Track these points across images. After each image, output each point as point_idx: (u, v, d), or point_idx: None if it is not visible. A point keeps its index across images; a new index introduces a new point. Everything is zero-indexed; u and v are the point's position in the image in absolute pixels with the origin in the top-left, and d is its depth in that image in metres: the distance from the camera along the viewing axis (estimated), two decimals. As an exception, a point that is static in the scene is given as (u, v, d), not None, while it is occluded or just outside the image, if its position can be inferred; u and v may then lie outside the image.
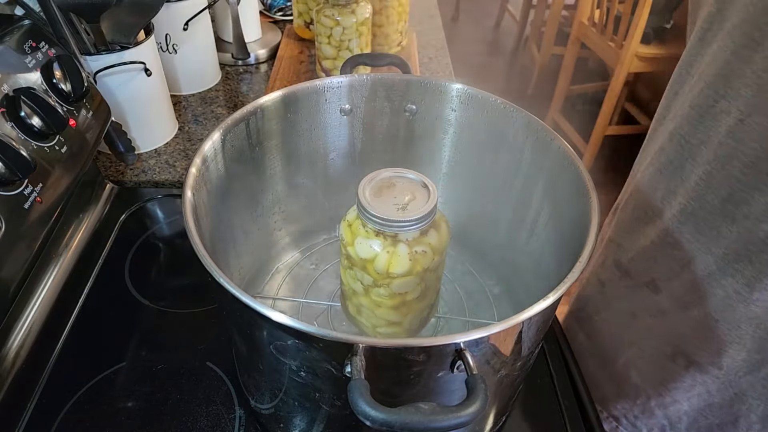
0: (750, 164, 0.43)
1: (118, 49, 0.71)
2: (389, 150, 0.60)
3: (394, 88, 0.56)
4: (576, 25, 2.12)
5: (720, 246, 0.48)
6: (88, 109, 0.61)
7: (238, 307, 0.35)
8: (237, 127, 0.50)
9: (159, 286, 0.64)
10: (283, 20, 1.19)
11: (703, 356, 0.54)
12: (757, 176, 0.43)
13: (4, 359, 0.53)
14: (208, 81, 0.98)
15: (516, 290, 0.59)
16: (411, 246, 0.42)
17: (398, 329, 0.48)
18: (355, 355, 0.32)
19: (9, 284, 0.50)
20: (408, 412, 0.29)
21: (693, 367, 0.56)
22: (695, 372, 0.56)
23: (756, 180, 0.43)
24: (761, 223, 0.44)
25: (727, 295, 0.49)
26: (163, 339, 0.58)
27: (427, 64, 1.05)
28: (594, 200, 0.42)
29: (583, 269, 0.37)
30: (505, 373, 0.42)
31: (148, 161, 0.80)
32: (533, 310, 0.34)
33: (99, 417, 0.51)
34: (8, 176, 0.47)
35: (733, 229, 0.46)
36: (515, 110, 0.52)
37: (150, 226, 0.72)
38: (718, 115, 0.45)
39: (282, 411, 0.47)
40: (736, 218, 0.46)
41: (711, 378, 0.55)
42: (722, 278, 0.49)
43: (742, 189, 0.44)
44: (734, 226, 0.46)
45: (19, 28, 0.55)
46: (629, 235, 0.58)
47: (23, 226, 0.49)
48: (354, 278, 0.46)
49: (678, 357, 0.56)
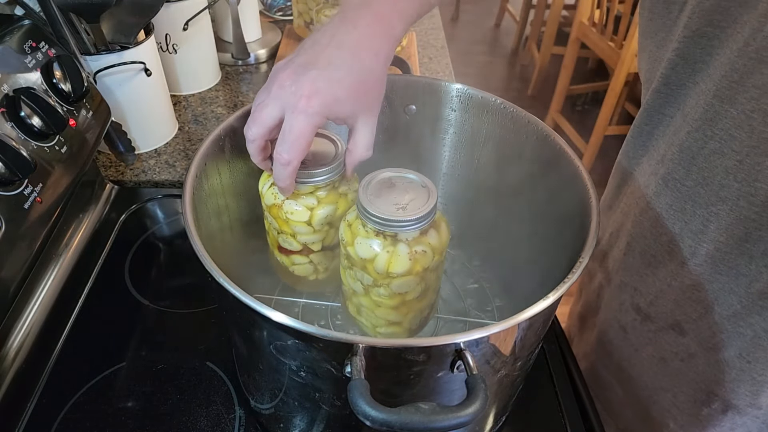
0: (760, 204, 0.43)
1: (118, 49, 0.71)
2: (389, 150, 0.60)
3: (394, 88, 0.56)
4: (576, 25, 2.12)
5: (741, 285, 0.47)
6: (88, 109, 0.61)
7: (238, 307, 0.35)
8: (237, 127, 0.50)
9: (159, 286, 0.64)
10: (283, 20, 1.19)
11: (739, 398, 0.53)
12: None
13: (4, 359, 0.53)
14: (208, 81, 0.98)
15: (516, 290, 0.59)
16: (411, 246, 0.42)
17: (398, 329, 0.49)
18: (355, 355, 0.32)
19: (9, 284, 0.50)
20: (408, 412, 0.29)
21: (731, 411, 0.54)
22: (734, 415, 0.54)
23: None
24: None
25: (756, 335, 0.48)
26: (163, 339, 0.58)
27: (427, 64, 1.05)
28: (594, 200, 0.42)
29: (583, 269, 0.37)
30: (505, 373, 0.42)
31: (148, 161, 0.80)
32: (533, 310, 0.34)
33: (99, 417, 0.51)
34: (8, 176, 0.47)
35: (752, 267, 0.46)
36: (515, 110, 0.52)
37: (150, 226, 0.72)
38: (709, 156, 0.45)
39: (282, 411, 0.47)
40: (754, 256, 0.45)
41: (750, 419, 0.54)
42: (749, 317, 0.48)
43: (757, 228, 0.44)
44: (753, 264, 0.45)
45: (19, 28, 0.55)
46: (642, 279, 0.56)
47: (23, 226, 0.49)
48: (354, 278, 0.46)
49: (713, 401, 0.55)
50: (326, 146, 0.47)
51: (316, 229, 0.48)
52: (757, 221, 0.44)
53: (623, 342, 0.62)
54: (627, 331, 0.61)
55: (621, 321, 0.61)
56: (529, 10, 3.08)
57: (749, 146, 0.42)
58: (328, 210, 0.47)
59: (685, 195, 0.48)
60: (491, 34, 3.46)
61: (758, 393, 0.52)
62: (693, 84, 0.46)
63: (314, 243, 0.50)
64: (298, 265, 0.52)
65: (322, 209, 0.47)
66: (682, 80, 0.47)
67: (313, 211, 0.47)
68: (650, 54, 0.52)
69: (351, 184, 0.49)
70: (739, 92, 0.41)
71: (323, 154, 0.47)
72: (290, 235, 0.49)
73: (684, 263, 0.50)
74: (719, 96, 0.43)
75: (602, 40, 1.97)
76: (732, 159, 0.43)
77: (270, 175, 0.49)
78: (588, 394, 0.56)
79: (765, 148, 0.41)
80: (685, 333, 0.54)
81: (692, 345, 0.54)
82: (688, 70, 0.46)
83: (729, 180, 0.44)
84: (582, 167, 0.45)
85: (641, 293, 0.57)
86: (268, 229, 0.53)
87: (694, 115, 0.45)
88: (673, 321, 0.54)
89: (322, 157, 0.46)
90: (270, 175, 0.49)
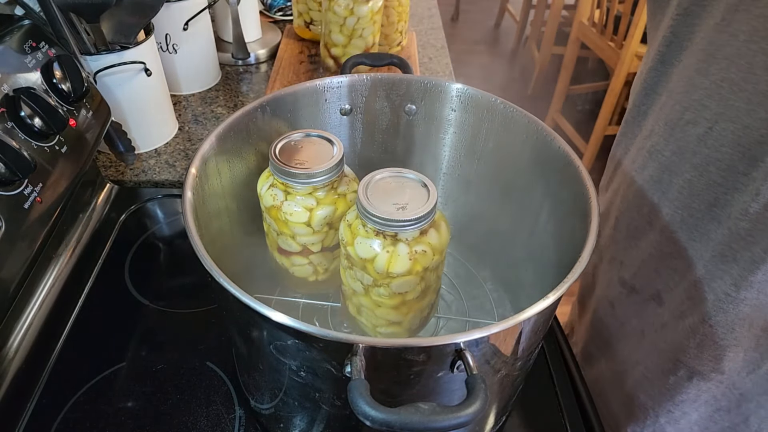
0: (726, 168, 0.45)
1: (118, 49, 0.71)
2: (389, 150, 0.60)
3: (394, 88, 0.56)
4: (576, 25, 2.12)
5: (708, 249, 0.49)
6: (88, 109, 0.61)
7: (238, 307, 0.35)
8: (237, 127, 0.50)
9: (159, 286, 0.64)
10: (283, 20, 1.19)
11: (703, 364, 0.54)
12: (735, 177, 0.45)
13: (4, 359, 0.53)
14: (208, 81, 0.98)
15: (516, 290, 0.59)
16: (411, 246, 0.42)
17: (398, 329, 0.49)
18: (355, 355, 0.32)
19: (9, 284, 0.50)
20: (408, 412, 0.29)
21: (696, 377, 0.56)
22: (699, 381, 0.56)
23: (735, 181, 0.45)
24: (741, 221, 0.45)
25: (717, 299, 0.50)
26: (163, 339, 0.58)
27: (427, 64, 1.05)
28: (594, 200, 0.42)
29: (583, 269, 0.37)
30: (505, 373, 0.42)
31: (148, 161, 0.80)
32: (533, 310, 0.34)
33: (99, 417, 0.51)
34: (8, 176, 0.47)
35: (720, 232, 0.47)
36: (515, 110, 0.52)
37: (150, 226, 0.72)
38: (685, 126, 0.47)
39: (282, 411, 0.47)
40: (722, 220, 0.47)
41: (714, 384, 0.55)
42: (712, 281, 0.50)
43: (724, 192, 0.46)
44: (720, 227, 0.47)
45: (19, 28, 0.55)
46: (627, 252, 0.59)
47: (23, 226, 0.49)
48: (354, 278, 0.46)
49: (680, 369, 0.57)
50: (325, 147, 0.47)
51: (316, 230, 0.48)
52: (723, 185, 0.46)
53: (611, 318, 0.64)
54: (614, 306, 0.63)
55: (609, 296, 0.64)
56: (529, 10, 3.08)
57: (717, 113, 0.45)
58: (327, 211, 0.47)
59: (664, 165, 0.51)
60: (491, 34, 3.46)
61: (721, 358, 0.53)
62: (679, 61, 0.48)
63: (314, 244, 0.50)
64: (298, 266, 0.52)
65: (321, 210, 0.47)
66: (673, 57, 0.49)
67: (312, 212, 0.47)
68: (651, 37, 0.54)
69: (350, 184, 0.49)
70: (712, 64, 0.44)
71: (322, 154, 0.47)
72: (289, 237, 0.49)
73: (662, 231, 0.53)
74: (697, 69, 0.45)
75: (602, 40, 1.97)
76: (703, 127, 0.46)
77: (269, 176, 0.49)
78: (588, 393, 0.56)
79: (731, 115, 0.44)
80: (663, 303, 0.56)
81: (666, 314, 0.56)
82: (678, 47, 0.48)
83: (700, 147, 0.47)
84: (582, 167, 0.45)
85: (626, 266, 0.59)
86: (268, 231, 0.53)
87: (677, 89, 0.48)
88: (654, 291, 0.56)
89: (321, 157, 0.46)
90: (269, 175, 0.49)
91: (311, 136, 0.49)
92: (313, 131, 0.49)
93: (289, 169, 0.45)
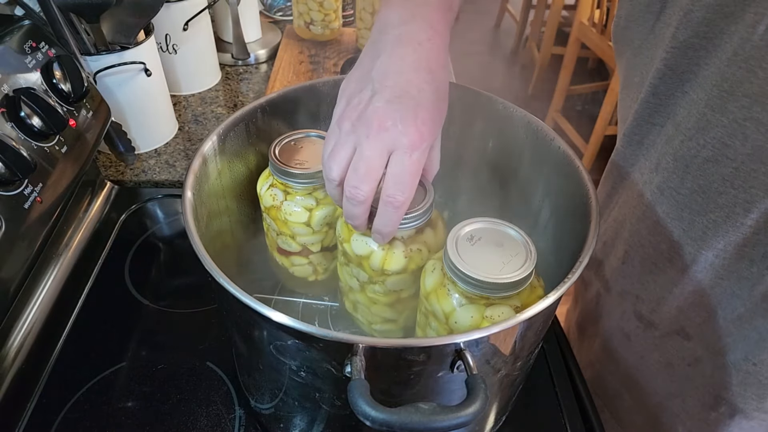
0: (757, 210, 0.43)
1: (118, 49, 0.71)
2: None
3: (394, 88, 0.56)
4: (576, 25, 2.12)
5: (744, 288, 0.47)
6: (88, 109, 0.61)
7: (238, 307, 0.35)
8: (237, 127, 0.50)
9: (159, 286, 0.64)
10: (283, 20, 1.19)
11: (746, 402, 0.53)
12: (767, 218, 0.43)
13: (4, 359, 0.53)
14: (208, 81, 0.98)
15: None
16: (407, 244, 0.42)
17: (393, 326, 0.49)
18: (355, 355, 0.32)
19: (9, 284, 0.50)
20: (408, 412, 0.29)
21: (738, 415, 0.54)
22: (741, 419, 0.54)
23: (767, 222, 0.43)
24: None
25: (761, 338, 0.48)
26: (163, 339, 0.58)
27: (427, 64, 1.05)
28: (594, 200, 0.42)
29: (583, 269, 0.37)
30: (505, 373, 0.42)
31: (148, 161, 0.80)
32: (533, 310, 0.34)
33: (99, 417, 0.51)
34: (8, 176, 0.47)
35: (754, 270, 0.46)
36: (515, 110, 0.52)
37: (150, 226, 0.72)
38: (703, 165, 0.45)
39: (282, 411, 0.47)
40: (754, 259, 0.45)
41: (758, 423, 0.54)
42: (753, 320, 0.48)
43: (755, 233, 0.44)
44: (754, 267, 0.45)
45: (19, 28, 0.55)
46: (643, 286, 0.56)
47: (23, 226, 0.49)
48: (350, 275, 0.46)
49: (721, 405, 0.54)
50: None
51: (315, 230, 0.48)
52: (753, 227, 0.44)
53: (628, 350, 0.62)
54: (631, 338, 0.60)
55: (624, 329, 0.61)
56: (529, 10, 3.08)
57: (744, 154, 0.42)
58: (326, 211, 0.47)
59: (682, 203, 0.48)
60: (491, 34, 3.46)
61: (765, 397, 0.51)
62: (682, 94, 0.46)
63: (313, 244, 0.50)
64: (298, 266, 0.52)
65: (320, 210, 0.47)
66: (671, 90, 0.47)
67: (312, 212, 0.47)
68: (628, 60, 0.53)
69: None
70: (730, 101, 0.41)
71: None
72: (289, 237, 0.49)
73: (685, 270, 0.50)
74: (710, 105, 0.43)
75: (602, 40, 1.97)
76: (728, 167, 0.44)
77: (268, 176, 0.49)
78: (588, 393, 0.56)
79: (759, 155, 0.41)
80: (690, 337, 0.54)
81: (698, 349, 0.53)
82: (676, 80, 0.46)
83: (726, 187, 0.44)
84: (582, 167, 0.45)
85: (643, 300, 0.57)
86: (267, 231, 0.53)
87: (687, 124, 0.46)
88: (678, 327, 0.54)
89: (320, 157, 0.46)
90: (269, 175, 0.48)
91: (311, 136, 0.49)
92: (313, 131, 0.49)
93: (288, 169, 0.45)
